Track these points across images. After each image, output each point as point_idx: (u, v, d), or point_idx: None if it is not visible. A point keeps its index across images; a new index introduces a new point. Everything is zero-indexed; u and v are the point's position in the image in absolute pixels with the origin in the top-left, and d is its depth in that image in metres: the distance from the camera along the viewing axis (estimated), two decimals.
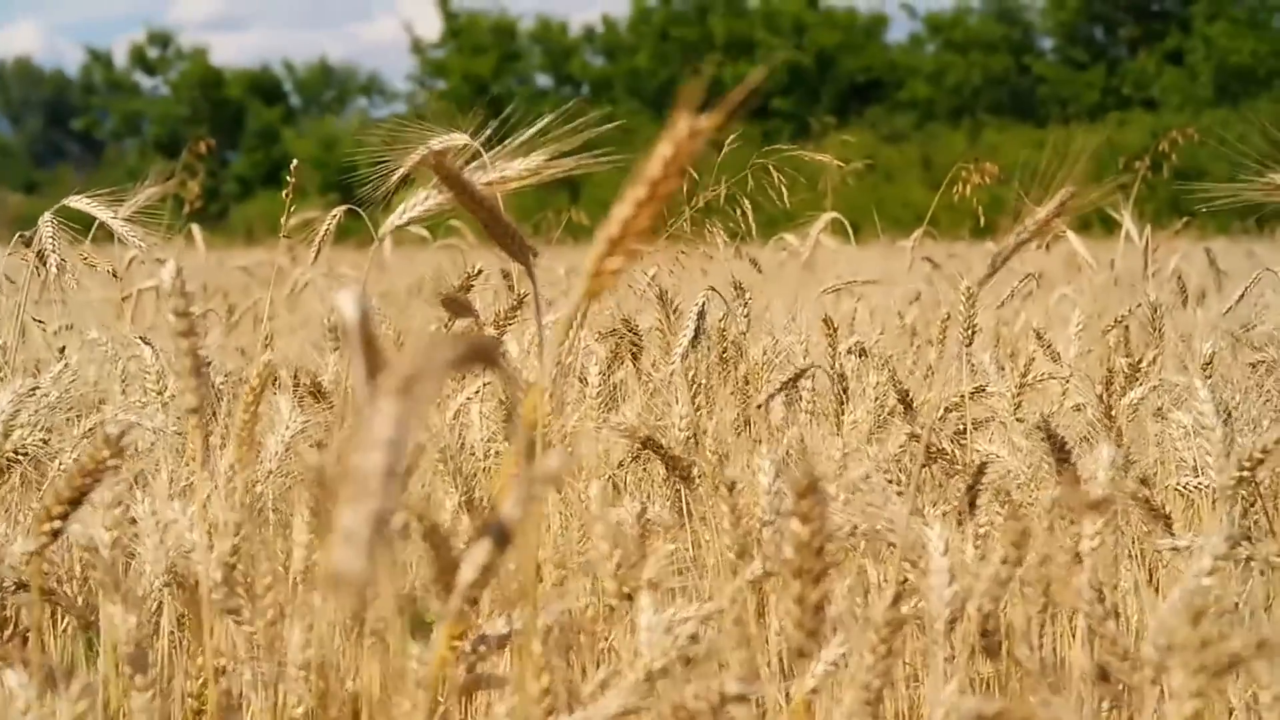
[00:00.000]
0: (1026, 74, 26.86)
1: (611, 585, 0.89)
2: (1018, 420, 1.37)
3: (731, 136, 2.13)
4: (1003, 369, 1.74)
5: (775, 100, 26.65)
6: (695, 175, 1.93)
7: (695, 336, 1.27)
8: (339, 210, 1.69)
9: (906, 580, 0.91)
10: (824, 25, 27.48)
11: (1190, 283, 3.33)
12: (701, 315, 1.29)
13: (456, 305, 0.89)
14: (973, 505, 1.07)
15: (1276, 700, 0.87)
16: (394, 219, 0.98)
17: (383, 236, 0.99)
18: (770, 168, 1.98)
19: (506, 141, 0.99)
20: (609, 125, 0.93)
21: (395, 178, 1.09)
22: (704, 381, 1.58)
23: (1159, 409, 1.52)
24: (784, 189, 1.96)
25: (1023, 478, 1.27)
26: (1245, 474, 1.08)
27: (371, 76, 35.13)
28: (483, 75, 28.13)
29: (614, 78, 28.58)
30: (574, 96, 29.22)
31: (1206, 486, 1.37)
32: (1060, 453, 1.09)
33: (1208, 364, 1.40)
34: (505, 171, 0.96)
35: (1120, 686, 0.76)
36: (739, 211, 1.95)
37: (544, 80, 30.07)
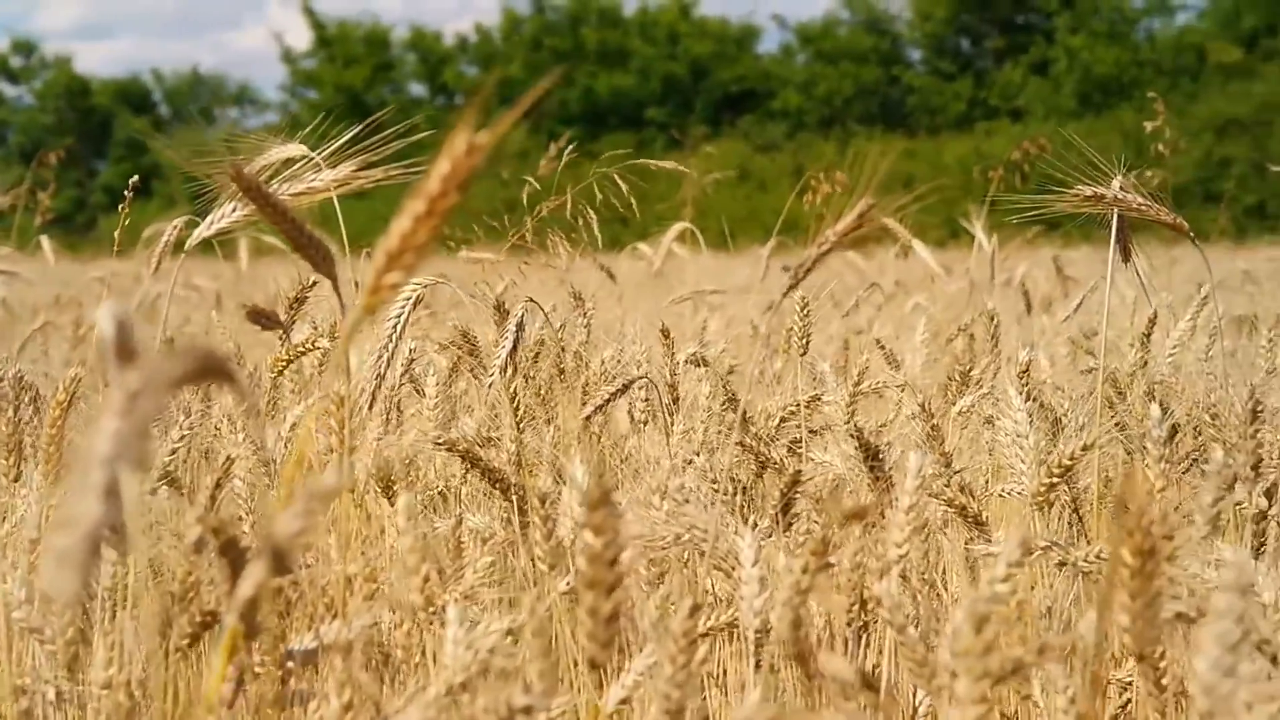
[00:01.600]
0: (896, 84, 27.15)
1: (418, 598, 0.89)
2: (855, 428, 1.38)
3: (570, 148, 2.14)
4: (842, 378, 1.76)
5: (650, 110, 26.74)
6: (537, 186, 1.93)
7: (514, 348, 1.27)
8: (179, 221, 1.67)
9: (708, 592, 0.92)
10: (697, 35, 27.61)
11: (1039, 290, 3.39)
12: (520, 327, 1.30)
13: (262, 317, 0.89)
14: (787, 513, 1.07)
15: (1072, 704, 0.89)
16: (201, 230, 0.97)
17: (189, 247, 0.99)
18: (616, 177, 1.99)
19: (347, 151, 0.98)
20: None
21: (219, 189, 1.08)
22: (544, 393, 1.58)
23: (989, 417, 1.54)
24: (632, 200, 1.97)
25: (851, 485, 1.28)
26: (1055, 480, 1.10)
27: (242, 86, 34.73)
28: (355, 85, 27.95)
29: (487, 87, 28.48)
30: (448, 106, 29.12)
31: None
32: (874, 460, 1.10)
33: (1024, 371, 1.42)
34: (314, 182, 0.95)
35: (886, 694, 0.77)
36: (581, 222, 1.95)
37: (419, 89, 29.94)
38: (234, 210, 0.97)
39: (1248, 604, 0.61)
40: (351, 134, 1.00)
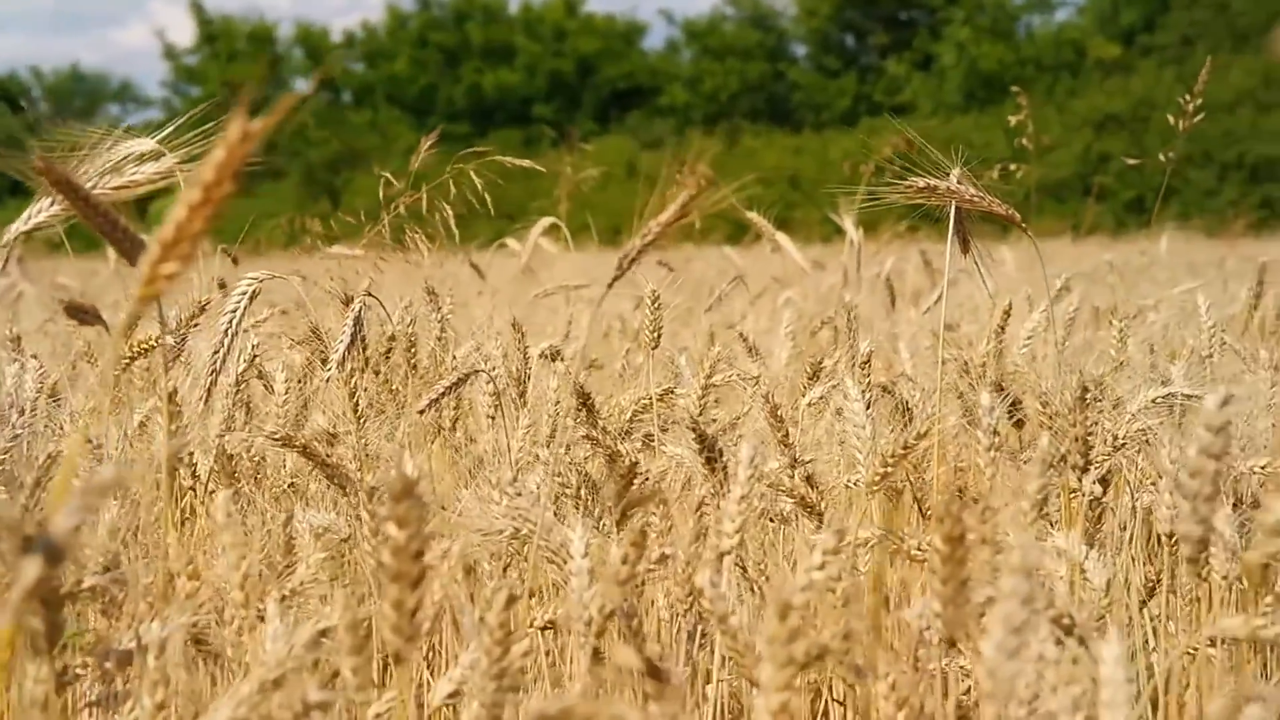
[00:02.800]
0: (782, 80, 27.30)
1: (239, 596, 0.88)
2: (692, 421, 1.38)
3: (429, 144, 2.13)
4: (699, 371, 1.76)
5: (537, 107, 26.70)
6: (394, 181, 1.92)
7: (351, 342, 1.26)
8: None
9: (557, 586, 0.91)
10: (583, 32, 27.60)
11: (911, 283, 3.42)
12: (358, 321, 1.29)
13: (80, 312, 0.88)
14: (620, 504, 1.07)
15: (893, 690, 0.89)
16: (18, 225, 0.96)
17: (6, 243, 0.97)
18: (472, 174, 1.98)
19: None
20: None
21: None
22: (395, 388, 1.57)
23: (840, 409, 1.55)
24: (486, 196, 1.96)
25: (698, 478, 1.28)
26: (889, 469, 1.11)
27: (124, 83, 34.27)
28: (239, 81, 27.66)
29: (375, 83, 28.33)
30: (335, 103, 28.91)
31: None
32: (710, 453, 1.10)
33: (865, 363, 1.43)
34: (135, 175, 0.94)
35: (670, 682, 0.77)
36: (439, 218, 1.94)
37: (305, 86, 29.69)
38: (51, 205, 0.96)
39: (1034, 587, 0.62)
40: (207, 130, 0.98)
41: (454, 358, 1.59)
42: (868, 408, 1.18)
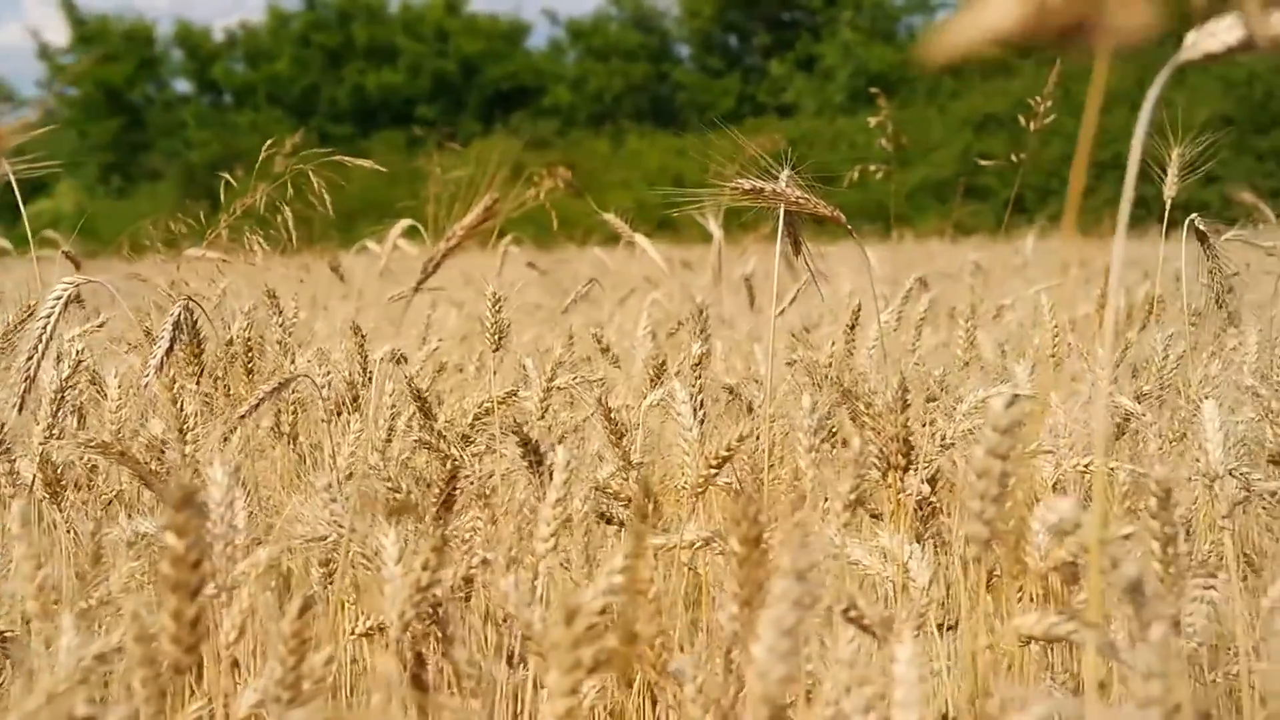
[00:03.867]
0: (666, 81, 27.35)
1: (34, 606, 0.86)
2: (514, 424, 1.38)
3: (269, 142, 2.11)
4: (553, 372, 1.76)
5: (420, 108, 26.56)
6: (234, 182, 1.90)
7: (170, 348, 1.24)
8: None
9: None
10: (466, 32, 27.48)
11: (770, 284, 3.43)
12: (178, 325, 1.27)
13: None
14: (446, 509, 1.07)
15: (700, 692, 0.89)
16: None
17: None
18: (310, 174, 1.96)
19: None
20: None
21: None
22: (230, 392, 1.55)
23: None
24: (325, 195, 1.94)
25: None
26: (712, 471, 1.11)
27: None
28: (116, 81, 27.27)
29: (257, 84, 28.04)
30: (216, 104, 28.60)
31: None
32: (533, 456, 1.10)
33: (697, 364, 1.43)
34: None
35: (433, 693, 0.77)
36: (280, 219, 1.92)
37: (185, 86, 29.32)
38: None
39: (806, 589, 0.62)
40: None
41: (292, 362, 1.57)
42: (698, 409, 1.18)
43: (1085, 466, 1.23)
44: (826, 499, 1.05)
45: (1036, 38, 0.32)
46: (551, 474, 1.09)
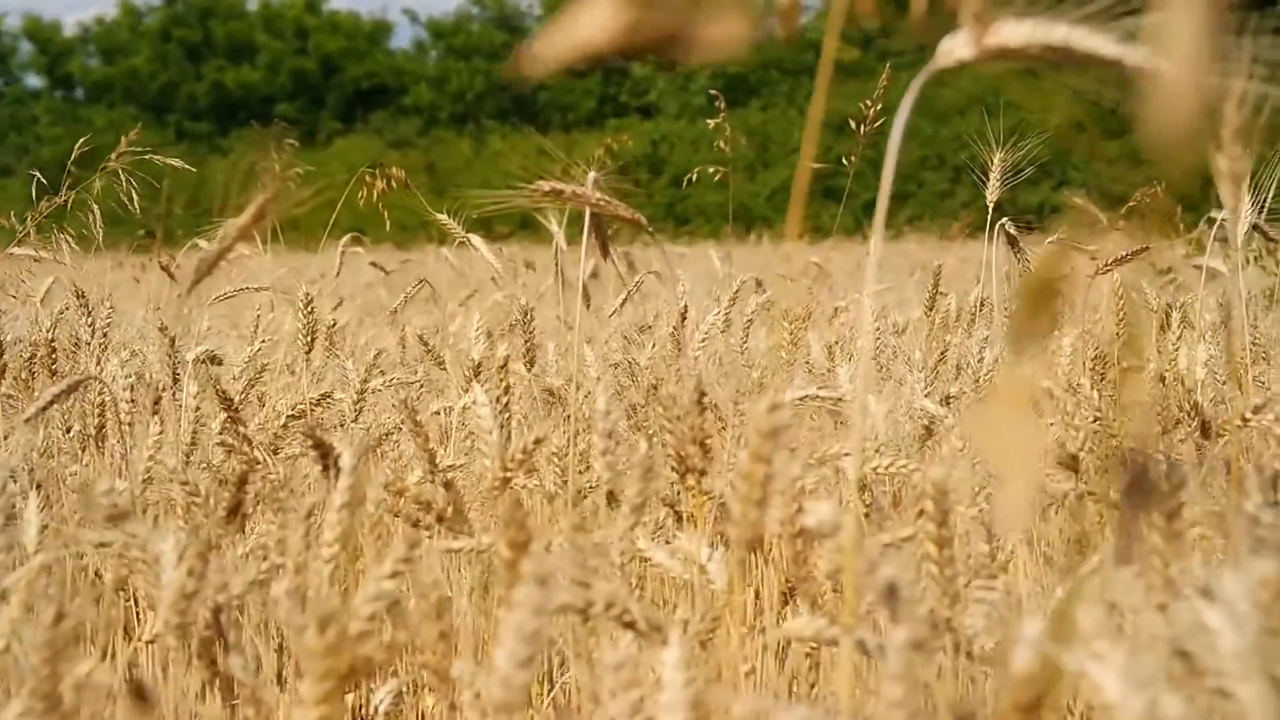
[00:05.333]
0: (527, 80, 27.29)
1: None
2: (308, 425, 1.37)
3: (131, 133, 2.08)
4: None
5: (280, 105, 26.30)
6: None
7: None
8: None
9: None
10: (327, 30, 27.27)
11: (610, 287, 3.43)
12: None
13: None
14: (236, 513, 1.05)
15: (476, 698, 0.89)
16: None
17: None
18: (120, 172, 1.93)
19: None
20: None
21: None
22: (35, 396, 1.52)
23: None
24: (135, 195, 1.91)
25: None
26: (509, 473, 1.11)
27: None
28: None
29: (113, 80, 27.61)
30: (70, 99, 28.13)
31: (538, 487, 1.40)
32: (324, 457, 1.09)
33: (502, 366, 1.43)
34: None
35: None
36: (90, 217, 1.89)
37: (37, 81, 28.79)
38: None
39: (549, 597, 0.62)
40: None
41: (98, 364, 1.54)
42: (501, 412, 1.17)
43: (887, 468, 1.25)
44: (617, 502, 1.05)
45: (629, 49, 0.31)
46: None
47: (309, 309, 1.49)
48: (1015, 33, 0.59)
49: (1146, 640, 0.69)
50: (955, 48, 0.59)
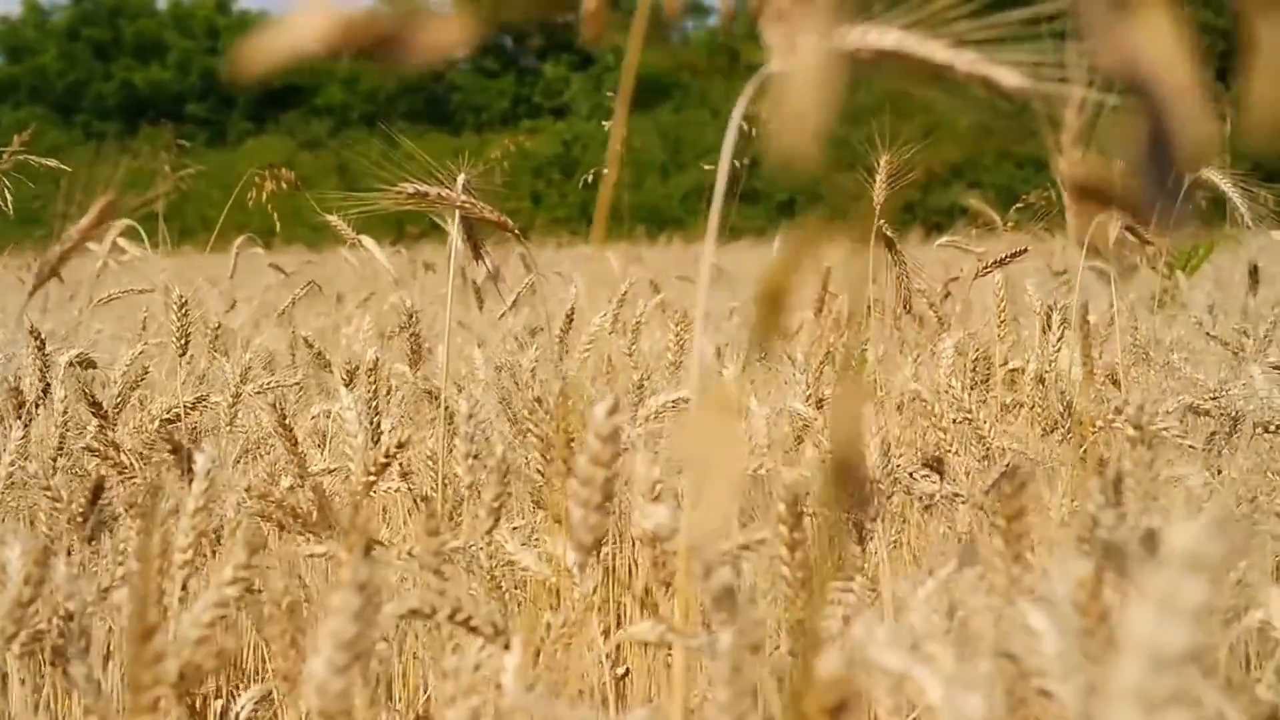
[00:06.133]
0: (440, 81, 27.24)
1: None
2: (165, 431, 1.35)
3: (25, 134, 2.05)
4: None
5: (190, 105, 26.09)
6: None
7: None
8: None
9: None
10: (237, 29, 27.05)
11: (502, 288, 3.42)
12: None
13: None
14: (87, 520, 1.04)
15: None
16: None
17: None
18: (8, 172, 1.90)
19: None
20: None
21: None
22: None
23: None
24: (6, 195, 1.89)
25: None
26: (373, 476, 1.10)
27: None
28: None
29: (19, 79, 27.26)
30: None
31: (399, 490, 1.39)
32: (186, 462, 1.08)
33: (372, 369, 1.42)
34: None
35: None
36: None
37: None
38: None
39: (365, 602, 0.61)
40: None
41: None
42: (372, 415, 1.17)
43: (755, 470, 1.25)
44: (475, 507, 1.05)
45: (343, 52, 0.31)
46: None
47: (182, 311, 1.47)
48: (851, 39, 0.59)
49: (976, 642, 0.69)
50: (793, 55, 0.59)
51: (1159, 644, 0.36)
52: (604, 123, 5.12)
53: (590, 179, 3.10)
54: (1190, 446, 1.27)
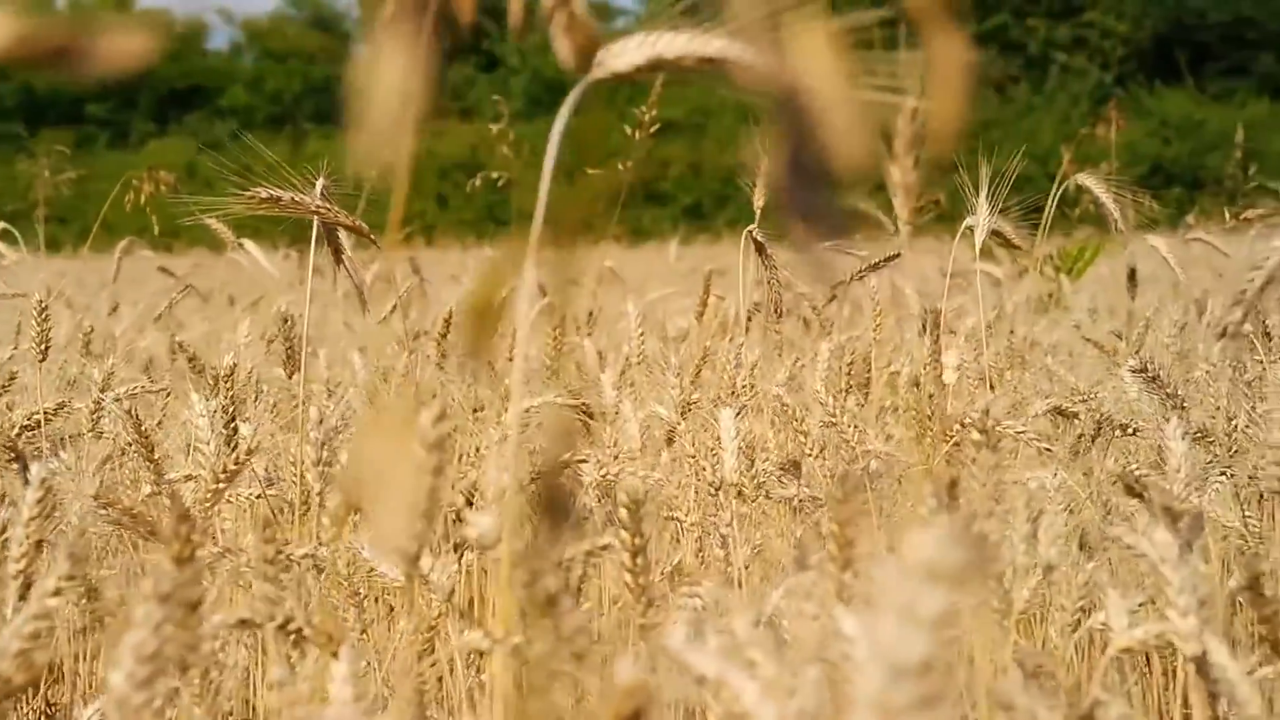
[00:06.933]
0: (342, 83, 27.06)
1: None
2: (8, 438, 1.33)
3: None
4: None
5: (90, 106, 25.77)
6: None
7: None
8: None
9: None
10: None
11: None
12: None
13: None
14: None
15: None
16: None
17: None
18: None
19: None
20: None
21: None
22: None
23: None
24: None
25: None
26: (221, 485, 1.09)
27: None
28: None
29: None
30: None
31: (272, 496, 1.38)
32: (24, 470, 1.06)
33: (228, 375, 1.41)
34: None
35: None
36: None
37: None
38: None
39: (168, 614, 0.60)
40: None
41: None
42: (223, 421, 1.15)
43: (616, 475, 1.25)
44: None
45: (23, 62, 0.31)
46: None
47: (43, 315, 1.45)
48: (671, 45, 0.59)
49: (798, 649, 0.69)
50: (608, 60, 0.59)
51: (897, 654, 0.35)
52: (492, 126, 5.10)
53: (477, 183, 3.09)
54: (1047, 449, 1.28)
